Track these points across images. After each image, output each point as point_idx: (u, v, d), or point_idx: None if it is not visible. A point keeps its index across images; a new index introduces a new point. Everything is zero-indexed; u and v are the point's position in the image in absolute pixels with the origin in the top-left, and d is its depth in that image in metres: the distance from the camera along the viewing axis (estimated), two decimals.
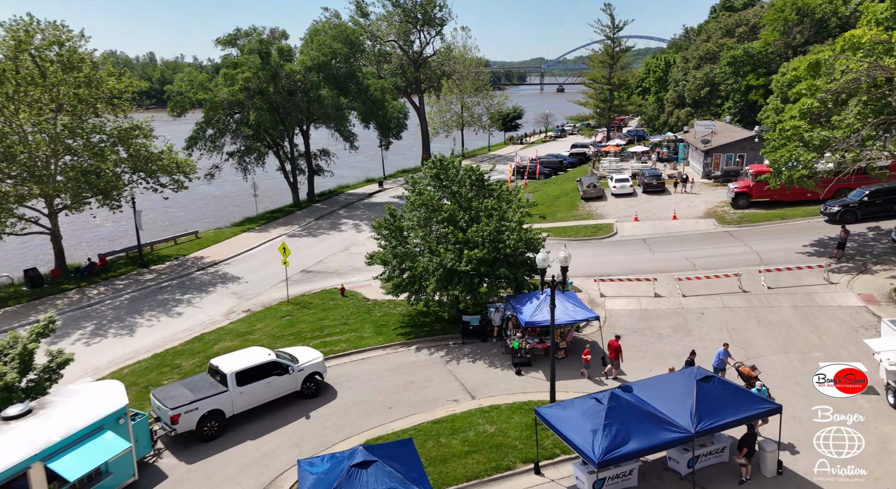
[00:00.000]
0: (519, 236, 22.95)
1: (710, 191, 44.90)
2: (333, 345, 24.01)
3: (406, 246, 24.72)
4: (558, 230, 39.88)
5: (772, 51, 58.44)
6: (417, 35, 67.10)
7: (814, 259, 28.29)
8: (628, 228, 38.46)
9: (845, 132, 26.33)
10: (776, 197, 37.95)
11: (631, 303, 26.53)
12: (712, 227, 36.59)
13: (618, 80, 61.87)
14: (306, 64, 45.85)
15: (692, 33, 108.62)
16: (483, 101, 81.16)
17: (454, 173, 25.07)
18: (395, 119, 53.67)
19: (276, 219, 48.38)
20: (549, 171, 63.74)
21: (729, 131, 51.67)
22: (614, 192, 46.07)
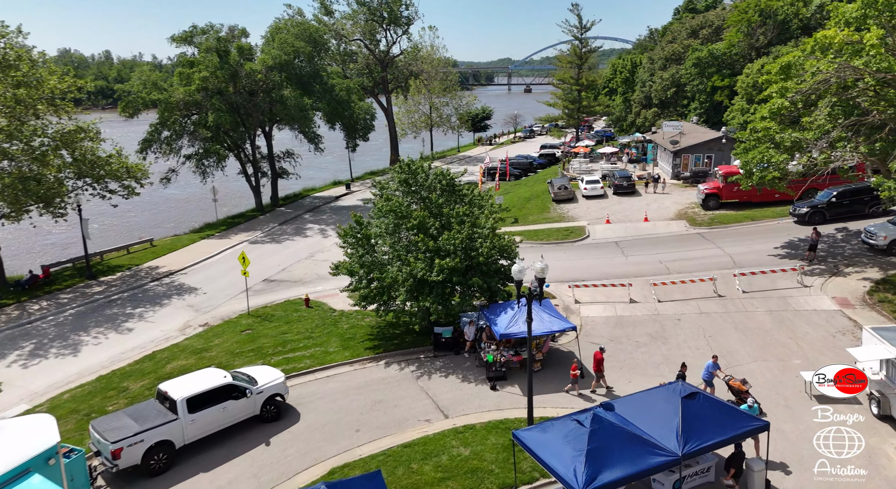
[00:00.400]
0: (492, 243, 21.95)
1: (680, 192, 44.88)
2: (297, 361, 22.55)
3: (374, 254, 23.46)
4: (531, 233, 39.14)
5: (736, 52, 59.14)
6: (384, 34, 65.68)
7: (786, 261, 28.14)
8: (600, 231, 37.97)
9: (816, 133, 26.22)
10: (746, 198, 38.00)
11: (606, 310, 25.84)
12: (684, 228, 36.36)
13: (586, 81, 61.71)
14: (267, 63, 43.99)
15: (657, 34, 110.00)
16: (452, 102, 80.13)
17: (423, 178, 23.90)
18: (362, 120, 52.15)
19: (238, 224, 46.32)
20: (519, 173, 63.19)
21: (696, 132, 51.91)
22: (585, 193, 45.64)
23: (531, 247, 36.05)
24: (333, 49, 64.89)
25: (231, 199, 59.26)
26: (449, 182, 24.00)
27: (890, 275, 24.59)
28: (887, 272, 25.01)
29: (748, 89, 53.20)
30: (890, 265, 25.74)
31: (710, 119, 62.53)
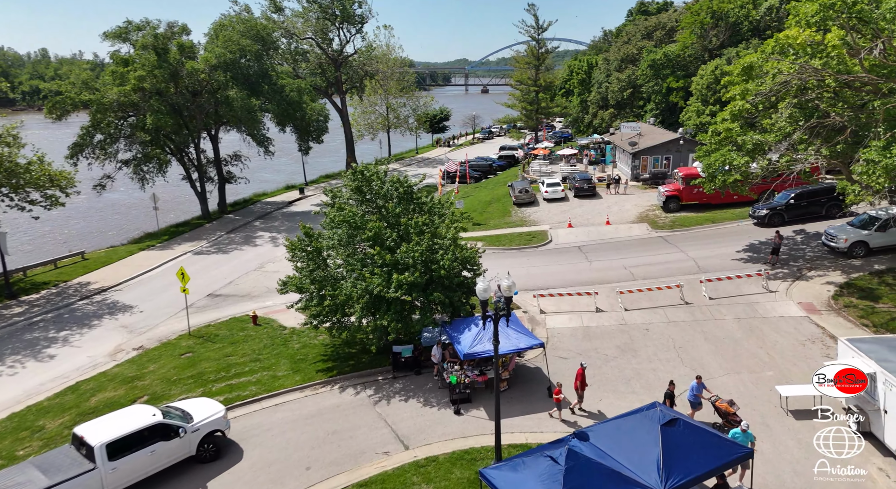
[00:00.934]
0: (454, 255, 20.47)
1: (640, 193, 44.62)
2: (241, 388, 20.51)
3: (326, 269, 21.66)
4: (493, 238, 37.96)
5: (689, 54, 59.75)
6: (336, 33, 63.42)
7: (750, 265, 27.81)
8: (563, 235, 37.12)
9: (777, 136, 25.94)
10: (705, 200, 37.91)
11: (573, 320, 24.79)
12: (646, 232, 35.88)
13: (544, 82, 61.21)
14: (211, 62, 41.26)
15: (611, 36, 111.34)
16: (409, 102, 78.53)
17: (379, 185, 22.24)
18: (315, 121, 49.85)
19: (182, 233, 43.35)
20: (479, 175, 62.12)
21: (654, 133, 51.98)
22: (546, 196, 44.84)
23: (494, 254, 34.80)
24: (284, 48, 62.23)
25: (177, 205, 55.91)
26: (406, 189, 22.41)
27: (853, 279, 24.44)
28: (850, 275, 24.87)
29: (702, 91, 53.72)
30: (852, 268, 25.66)
31: (666, 120, 63.10)
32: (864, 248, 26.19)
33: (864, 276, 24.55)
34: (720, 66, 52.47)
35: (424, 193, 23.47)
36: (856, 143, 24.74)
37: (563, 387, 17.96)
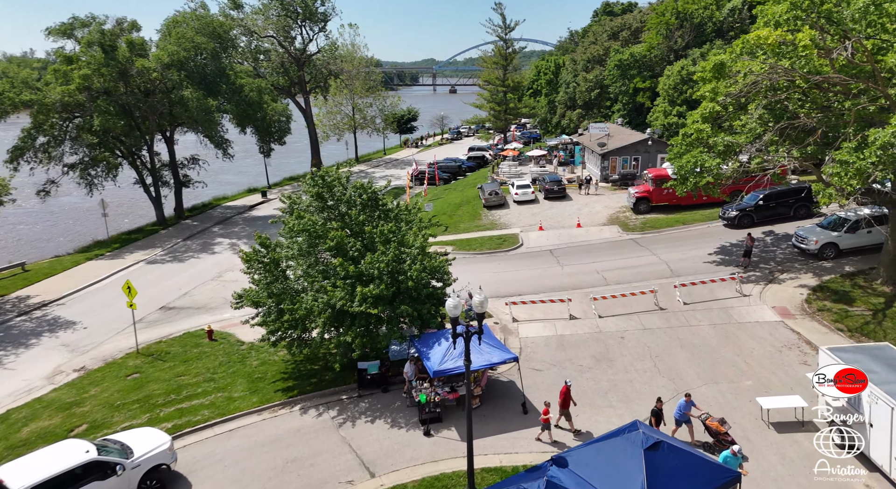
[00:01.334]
0: (422, 265, 19.29)
1: (610, 195, 44.28)
2: (192, 413, 18.93)
3: (285, 281, 20.22)
4: (463, 243, 36.95)
5: (655, 54, 59.97)
6: (299, 31, 61.47)
7: (722, 269, 27.48)
8: (534, 239, 36.36)
9: (748, 137, 25.63)
10: (675, 201, 37.68)
11: (546, 329, 23.93)
12: (617, 234, 35.41)
13: (512, 82, 60.56)
14: (163, 60, 39.05)
15: (577, 36, 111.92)
16: (376, 103, 77.01)
17: (341, 191, 20.92)
18: (276, 122, 47.92)
19: (135, 241, 40.99)
20: (448, 177, 61.10)
21: (622, 134, 51.84)
22: (516, 199, 44.09)
23: (465, 259, 33.82)
24: (245, 46, 60.02)
25: (132, 210, 53.21)
26: (371, 195, 21.14)
27: (825, 282, 24.27)
28: (822, 278, 24.70)
29: (669, 91, 53.90)
30: (823, 270, 25.52)
31: (634, 120, 63.26)
32: (835, 250, 26.12)
33: (835, 279, 24.40)
34: (686, 66, 52.76)
35: (390, 199, 22.26)
36: (826, 144, 24.60)
37: (550, 406, 16.87)
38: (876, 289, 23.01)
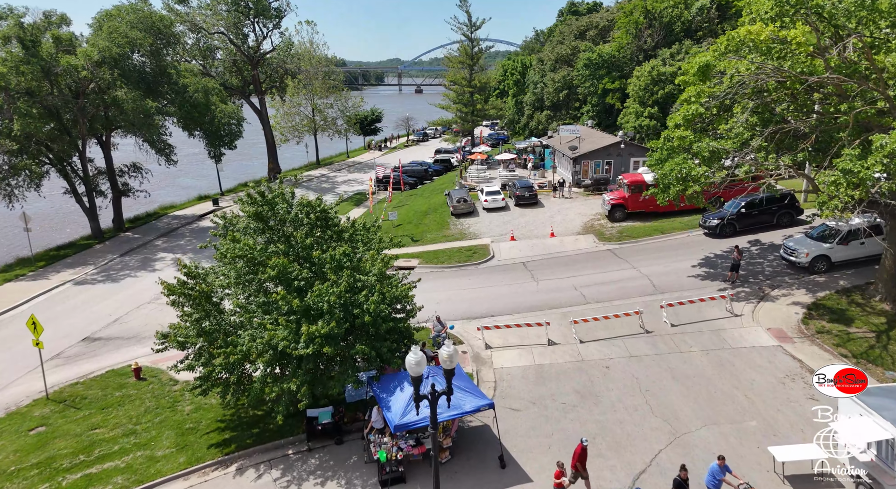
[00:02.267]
0: (381, 295, 16.51)
1: (583, 200, 42.30)
2: (102, 481, 15.71)
3: (220, 315, 17.18)
4: (431, 255, 34.29)
5: (625, 54, 58.51)
6: (252, 27, 57.67)
7: (708, 284, 25.58)
8: (505, 250, 33.98)
9: (735, 143, 23.74)
10: (652, 208, 35.90)
11: (523, 357, 21.49)
12: (593, 244, 33.31)
13: (479, 83, 58.19)
14: (92, 57, 35.09)
15: (542, 36, 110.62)
16: (337, 103, 73.54)
17: (285, 210, 17.97)
18: (226, 125, 44.23)
19: (64, 258, 36.85)
20: (414, 181, 58.29)
21: (593, 136, 50.04)
22: (486, 206, 41.65)
23: (433, 273, 31.20)
24: (193, 43, 55.93)
25: (69, 222, 48.61)
26: (321, 214, 18.24)
27: (820, 299, 22.54)
28: (816, 295, 22.97)
29: (640, 92, 52.42)
30: (816, 285, 23.84)
31: (603, 122, 61.77)
32: (827, 263, 24.49)
33: (831, 296, 22.70)
34: (656, 67, 51.33)
35: (344, 217, 19.42)
36: (818, 150, 22.90)
37: (563, 467, 14.14)
38: (875, 307, 21.36)
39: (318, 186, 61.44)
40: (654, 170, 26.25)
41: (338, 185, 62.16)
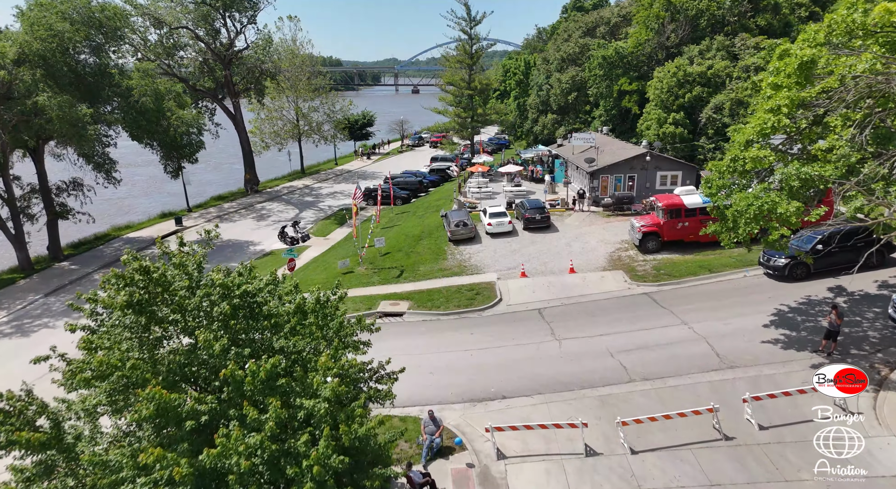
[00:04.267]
0: (334, 441, 9.95)
1: (604, 223, 35.90)
2: None
3: (75, 463, 10.65)
4: (423, 296, 27.91)
5: (644, 51, 52.13)
6: (223, 22, 51.10)
7: (792, 354, 19.19)
8: (516, 290, 27.60)
9: (838, 169, 17.37)
10: (692, 237, 29.60)
11: (552, 478, 15.08)
12: (624, 285, 26.93)
13: (479, 84, 51.78)
14: (7, 55, 28.56)
15: (545, 34, 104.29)
16: (322, 106, 67.09)
17: (185, 296, 11.37)
18: (184, 135, 37.62)
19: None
20: (407, 195, 51.86)
21: (611, 146, 43.64)
22: (490, 230, 35.19)
23: (425, 323, 24.92)
24: (156, 40, 49.37)
25: None
26: (246, 300, 11.66)
27: None
28: None
29: (663, 95, 46.09)
30: None
31: (618, 128, 55.42)
32: None
33: None
34: (682, 66, 45.00)
35: (286, 295, 12.88)
36: None
37: None
38: None
39: (299, 200, 54.97)
40: (717, 202, 19.86)
41: (322, 199, 55.70)
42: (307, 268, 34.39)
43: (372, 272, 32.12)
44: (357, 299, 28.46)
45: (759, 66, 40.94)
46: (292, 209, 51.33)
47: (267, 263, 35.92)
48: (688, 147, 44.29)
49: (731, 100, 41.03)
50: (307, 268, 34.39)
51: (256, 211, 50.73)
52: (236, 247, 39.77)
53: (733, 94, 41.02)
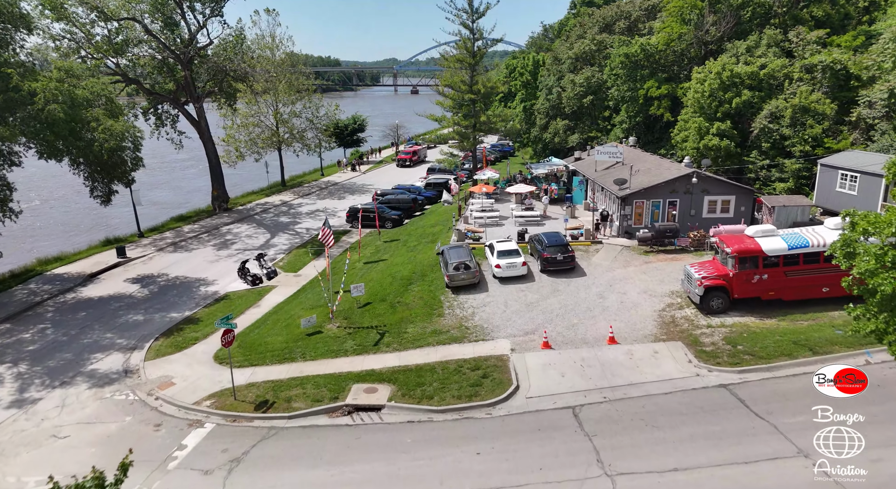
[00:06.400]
0: None
1: (642, 265, 28.35)
2: None
3: None
4: (409, 376, 20.51)
5: (677, 49, 44.52)
6: (180, 14, 43.48)
7: None
8: (537, 371, 20.10)
9: None
10: (772, 294, 22.07)
11: None
12: (690, 368, 19.39)
13: (483, 87, 44.14)
14: None
15: (552, 31, 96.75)
16: (305, 111, 59.48)
17: None
18: (113, 151, 29.78)
19: None
20: (398, 216, 44.17)
21: (644, 162, 36.02)
22: (499, 274, 27.55)
23: (412, 430, 17.43)
24: (101, 38, 41.83)
25: None
26: None
27: None
28: None
29: (703, 100, 38.46)
30: None
31: (643, 137, 47.83)
32: None
33: None
34: (728, 65, 37.36)
35: None
36: None
37: None
38: None
39: (273, 221, 47.34)
40: (878, 284, 12.29)
41: (300, 219, 48.06)
42: (264, 325, 26.79)
43: (346, 333, 24.56)
44: (320, 380, 20.91)
45: (830, 66, 33.35)
46: (263, 233, 43.70)
47: (216, 312, 28.32)
48: (734, 163, 36.69)
49: (794, 106, 33.40)
50: (264, 325, 26.79)
51: (220, 235, 43.10)
52: (183, 289, 32.16)
53: (796, 100, 33.41)
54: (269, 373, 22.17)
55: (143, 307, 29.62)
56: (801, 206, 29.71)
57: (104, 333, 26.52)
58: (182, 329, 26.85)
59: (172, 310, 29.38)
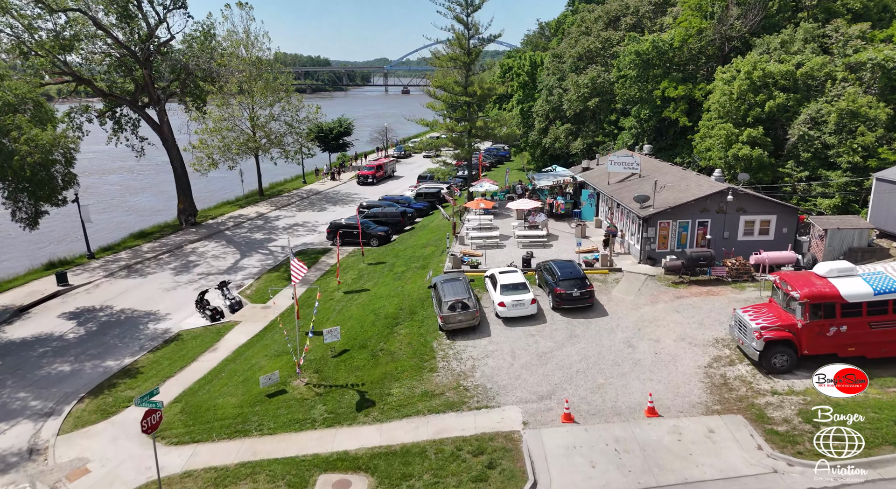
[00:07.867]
0: None
1: (674, 300, 23.74)
2: None
3: None
4: (393, 465, 15.82)
5: (695, 46, 39.99)
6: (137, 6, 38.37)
7: None
8: (558, 460, 15.39)
9: None
10: (852, 349, 17.48)
11: None
12: (763, 458, 14.76)
13: (480, 89, 39.35)
14: None
15: (549, 29, 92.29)
16: (284, 114, 54.52)
17: None
18: (39, 166, 24.68)
19: None
20: (385, 233, 39.35)
21: (665, 175, 31.41)
22: (504, 313, 22.76)
23: None
24: (46, 33, 36.69)
25: None
26: None
27: None
28: None
29: (730, 103, 33.94)
30: None
31: (656, 144, 43.32)
32: None
33: None
34: (759, 64, 32.83)
35: None
36: None
37: None
38: None
39: (246, 237, 42.33)
40: None
41: (276, 234, 43.10)
42: (218, 378, 21.89)
43: (314, 395, 19.75)
44: (278, 469, 16.07)
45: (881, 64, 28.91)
46: (233, 253, 38.71)
47: (162, 360, 23.36)
48: (767, 175, 32.18)
49: (841, 111, 28.92)
50: (218, 378, 21.89)
51: (183, 256, 38.07)
52: (128, 326, 27.17)
53: (843, 103, 28.93)
54: (214, 454, 17.31)
55: (74, 353, 24.62)
56: (858, 228, 25.22)
57: (16, 392, 21.52)
58: (115, 385, 21.92)
59: (109, 356, 24.41)
